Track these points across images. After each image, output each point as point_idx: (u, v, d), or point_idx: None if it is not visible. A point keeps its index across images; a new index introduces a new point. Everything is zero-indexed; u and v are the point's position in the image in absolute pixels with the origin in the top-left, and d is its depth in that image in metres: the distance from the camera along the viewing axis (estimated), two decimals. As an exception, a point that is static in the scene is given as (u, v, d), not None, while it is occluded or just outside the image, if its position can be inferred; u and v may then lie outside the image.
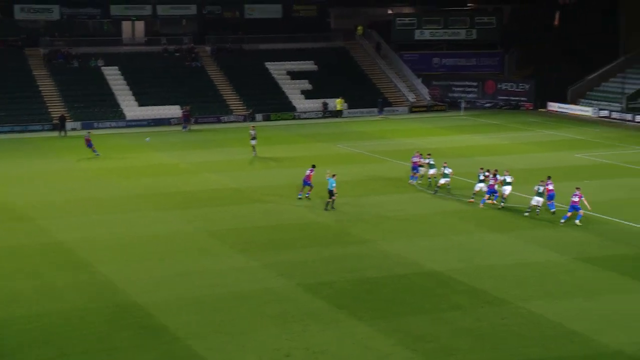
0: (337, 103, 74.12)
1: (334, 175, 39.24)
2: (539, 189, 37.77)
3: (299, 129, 66.17)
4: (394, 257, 31.92)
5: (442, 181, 41.97)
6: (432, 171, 43.37)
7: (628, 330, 24.94)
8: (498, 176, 39.88)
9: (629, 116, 68.57)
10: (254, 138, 53.79)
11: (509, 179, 39.35)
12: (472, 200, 40.36)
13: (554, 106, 75.65)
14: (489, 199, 39.74)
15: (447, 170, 41.78)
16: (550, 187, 37.76)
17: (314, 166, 41.06)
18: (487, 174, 40.33)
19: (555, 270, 30.43)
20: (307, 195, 40.94)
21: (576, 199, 36.15)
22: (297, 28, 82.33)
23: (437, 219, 37.77)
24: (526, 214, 37.98)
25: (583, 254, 32.20)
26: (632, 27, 78.09)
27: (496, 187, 39.55)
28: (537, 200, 37.77)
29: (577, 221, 36.28)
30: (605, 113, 70.81)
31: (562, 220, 36.47)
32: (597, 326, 25.18)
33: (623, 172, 47.59)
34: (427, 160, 43.72)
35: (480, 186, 40.13)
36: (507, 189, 39.24)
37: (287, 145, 58.23)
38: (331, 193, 38.96)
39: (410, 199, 41.68)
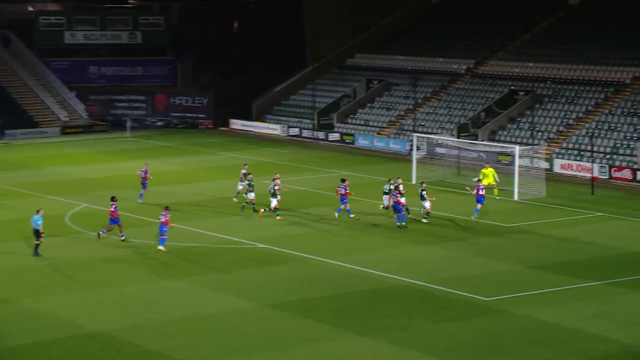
0: (-33, 125, 71.39)
1: (38, 211, 38.34)
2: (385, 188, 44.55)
3: None
4: (44, 318, 31.07)
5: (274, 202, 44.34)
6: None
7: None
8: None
9: (321, 134, 72.26)
10: None
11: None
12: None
13: (237, 124, 77.92)
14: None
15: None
16: (403, 200, 43.21)
17: (113, 198, 40.56)
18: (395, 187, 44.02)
19: (243, 320, 31.10)
20: (122, 238, 40.46)
21: (482, 192, 44.62)
22: None
23: (100, 266, 37.48)
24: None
25: (272, 299, 33.17)
26: (318, 33, 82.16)
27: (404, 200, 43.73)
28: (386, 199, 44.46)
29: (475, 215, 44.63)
30: (295, 131, 74.08)
31: (475, 214, 44.41)
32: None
33: (313, 200, 49.80)
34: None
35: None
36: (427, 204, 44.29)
37: None
38: (38, 233, 37.86)
39: (65, 242, 40.89)
